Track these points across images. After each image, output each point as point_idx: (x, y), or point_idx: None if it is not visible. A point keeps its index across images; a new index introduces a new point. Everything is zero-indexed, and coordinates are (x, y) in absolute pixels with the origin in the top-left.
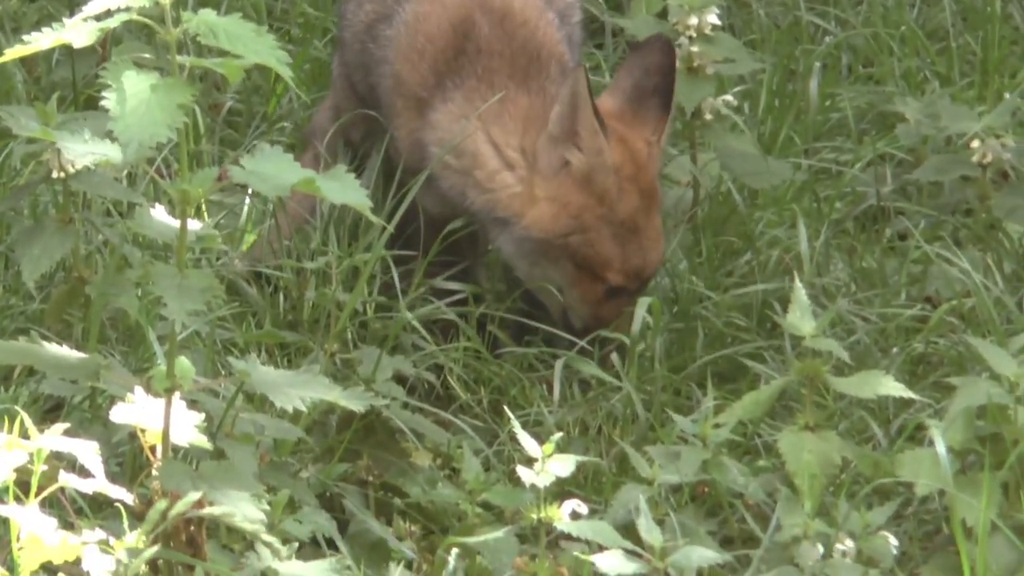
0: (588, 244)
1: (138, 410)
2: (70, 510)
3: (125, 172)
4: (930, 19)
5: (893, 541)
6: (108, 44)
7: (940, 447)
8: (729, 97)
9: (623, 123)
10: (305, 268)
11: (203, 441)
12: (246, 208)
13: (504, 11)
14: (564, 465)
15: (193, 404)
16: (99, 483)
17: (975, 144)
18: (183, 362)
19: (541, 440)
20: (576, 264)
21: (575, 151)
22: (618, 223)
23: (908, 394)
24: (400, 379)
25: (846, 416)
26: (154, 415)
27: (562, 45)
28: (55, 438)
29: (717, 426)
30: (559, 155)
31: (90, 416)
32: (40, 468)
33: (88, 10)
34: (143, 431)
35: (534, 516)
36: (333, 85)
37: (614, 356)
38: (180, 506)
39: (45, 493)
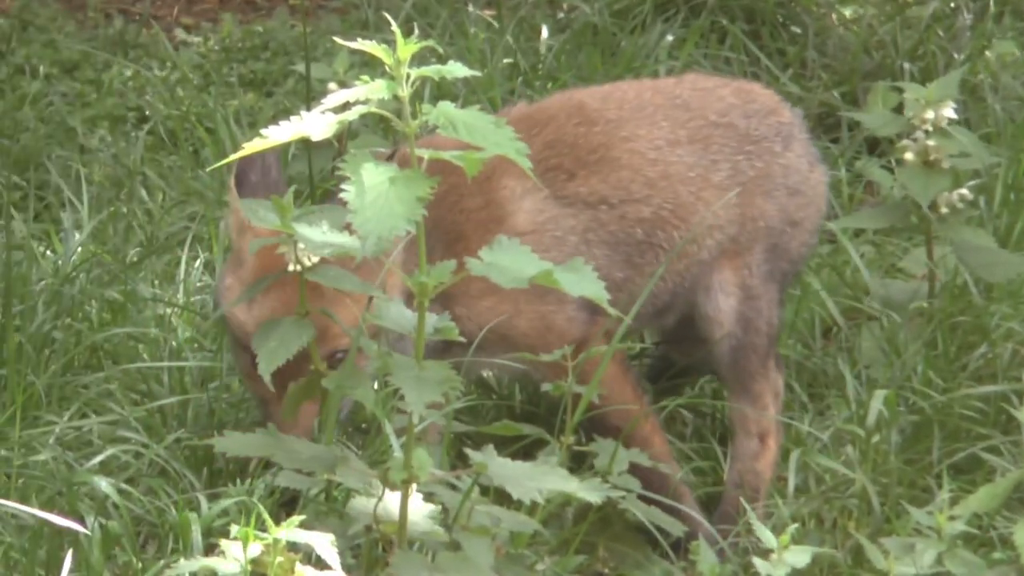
0: None
1: (375, 502)
2: None
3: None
4: None
5: None
6: (345, 138)
7: None
8: (965, 191)
9: None
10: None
11: (439, 532)
12: None
13: None
14: (800, 556)
15: (429, 497)
16: (336, 574)
17: None
18: (420, 454)
19: (777, 532)
20: None
21: None
22: None
23: None
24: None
25: None
26: (391, 507)
27: None
28: (292, 530)
29: (953, 518)
30: None
31: (326, 509)
32: (277, 560)
33: (327, 103)
34: (379, 523)
35: None
36: None
37: (848, 448)
38: None
39: None
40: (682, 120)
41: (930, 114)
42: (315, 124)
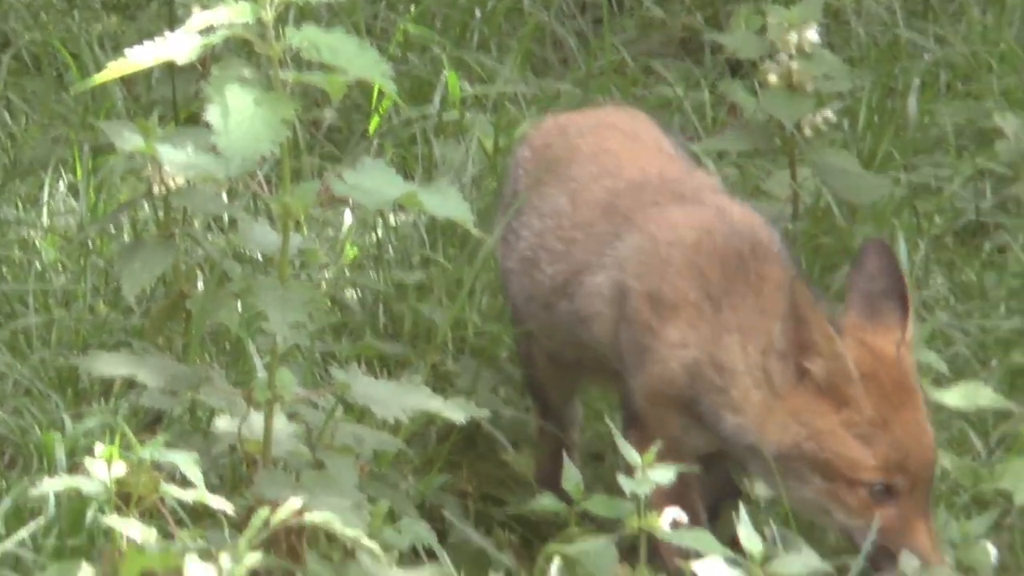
0: (825, 449)
1: (239, 421)
2: (170, 521)
3: (226, 188)
4: None
5: (992, 551)
6: (208, 62)
7: None
8: (829, 114)
9: (863, 332)
10: (405, 281)
11: (303, 452)
12: (347, 222)
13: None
14: (664, 474)
15: (293, 416)
16: (199, 493)
17: None
18: (284, 374)
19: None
20: (824, 475)
21: (815, 358)
22: (862, 423)
23: (1007, 405)
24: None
25: (945, 427)
26: (255, 427)
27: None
28: (156, 449)
29: None
30: (793, 367)
31: (190, 428)
32: (141, 479)
33: (190, 27)
34: (243, 442)
35: (635, 525)
36: None
37: None
38: (281, 513)
39: (146, 504)
40: None
41: (793, 37)
42: (178, 47)
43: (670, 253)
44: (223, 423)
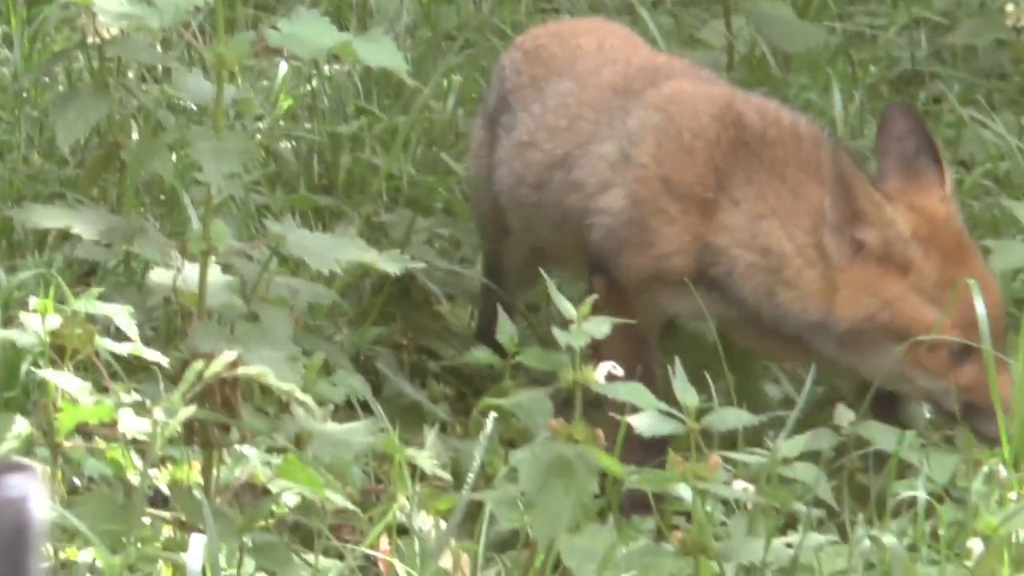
0: (900, 317)
1: (173, 273)
2: (105, 374)
3: (160, 38)
4: None
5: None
6: None
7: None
8: None
9: (908, 195)
10: (340, 132)
11: (238, 304)
12: (282, 72)
13: (758, 102)
14: (600, 326)
15: (228, 268)
16: (134, 346)
17: (1009, 8)
18: (218, 225)
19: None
20: (901, 342)
21: (867, 228)
22: (928, 285)
23: None
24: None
25: None
26: (189, 279)
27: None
28: (90, 302)
29: None
30: (848, 240)
31: (124, 280)
32: (75, 332)
33: None
34: (178, 294)
35: (569, 377)
36: None
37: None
38: (215, 365)
39: (80, 356)
40: None
41: None
42: None
43: (693, 144)
44: (157, 275)
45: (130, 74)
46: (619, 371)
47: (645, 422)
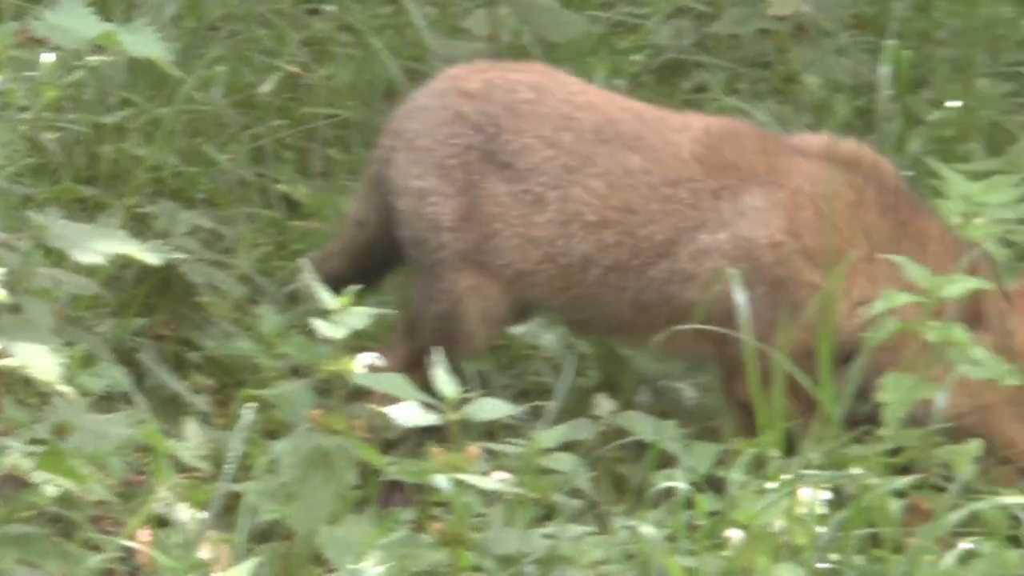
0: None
1: None
2: None
3: None
4: None
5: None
6: None
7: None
8: None
9: None
10: (104, 122)
11: (1, 295)
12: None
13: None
14: (360, 318)
15: None
16: None
17: None
18: None
19: None
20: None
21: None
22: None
23: None
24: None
25: None
26: None
27: None
28: None
29: None
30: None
31: None
32: None
33: None
34: None
35: (329, 368)
36: None
37: None
38: None
39: None
40: None
41: None
42: None
43: (832, 207)
44: None
45: None
46: (381, 362)
47: (404, 413)
